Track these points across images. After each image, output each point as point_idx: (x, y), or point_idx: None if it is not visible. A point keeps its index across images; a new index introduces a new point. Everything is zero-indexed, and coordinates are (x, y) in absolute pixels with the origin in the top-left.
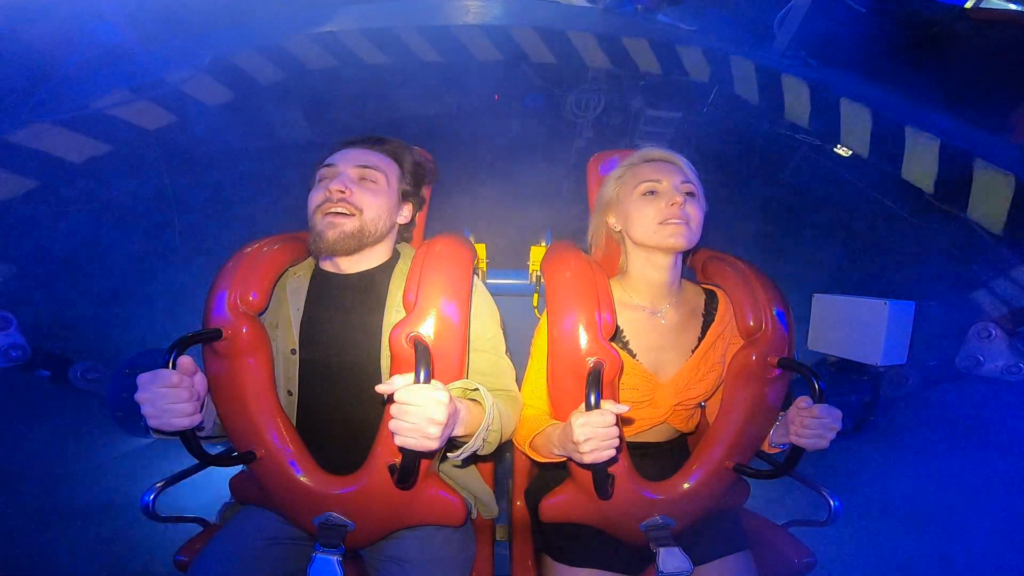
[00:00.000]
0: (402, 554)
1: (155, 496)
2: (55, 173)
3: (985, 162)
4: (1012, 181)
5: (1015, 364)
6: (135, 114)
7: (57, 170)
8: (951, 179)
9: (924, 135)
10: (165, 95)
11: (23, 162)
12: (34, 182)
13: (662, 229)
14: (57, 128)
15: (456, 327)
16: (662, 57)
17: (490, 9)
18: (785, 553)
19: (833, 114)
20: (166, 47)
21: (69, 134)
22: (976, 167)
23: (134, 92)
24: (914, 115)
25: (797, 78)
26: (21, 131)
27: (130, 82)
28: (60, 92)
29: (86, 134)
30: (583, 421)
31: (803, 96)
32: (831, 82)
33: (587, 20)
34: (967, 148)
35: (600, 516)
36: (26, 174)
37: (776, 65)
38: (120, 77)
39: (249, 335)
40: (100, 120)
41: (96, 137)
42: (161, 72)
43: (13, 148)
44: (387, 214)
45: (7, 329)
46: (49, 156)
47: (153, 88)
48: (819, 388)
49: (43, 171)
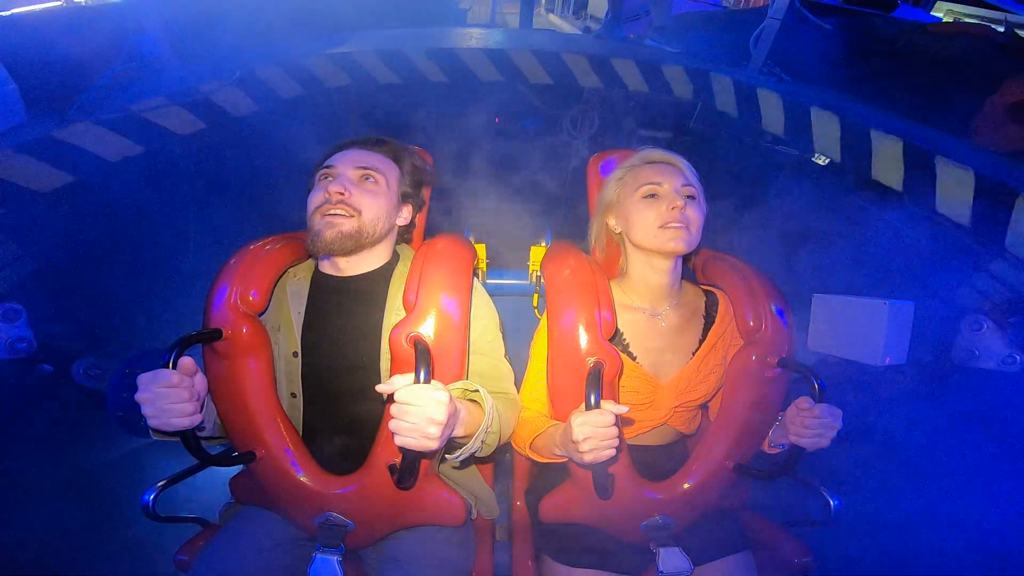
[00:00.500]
0: (402, 554)
1: (155, 496)
2: (88, 170)
3: (945, 159)
4: (972, 175)
5: (1010, 355)
6: (168, 119)
7: (92, 167)
8: (917, 177)
9: (888, 137)
10: (195, 104)
11: (63, 157)
12: (70, 177)
13: (662, 233)
14: (95, 127)
15: (456, 327)
16: (648, 76)
17: (492, 36)
18: (785, 553)
19: (805, 121)
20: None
21: (105, 133)
22: (938, 164)
23: (169, 99)
24: (878, 119)
25: (771, 91)
26: (65, 129)
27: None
28: (102, 96)
29: (121, 134)
30: (582, 420)
31: (777, 107)
32: (802, 93)
33: (580, 45)
34: (928, 147)
35: (600, 516)
36: (64, 168)
37: (752, 80)
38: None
39: (249, 335)
40: (135, 122)
41: (130, 138)
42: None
43: (56, 143)
44: (386, 215)
45: (16, 321)
46: (88, 153)
47: (185, 96)
48: (819, 388)
49: (80, 167)
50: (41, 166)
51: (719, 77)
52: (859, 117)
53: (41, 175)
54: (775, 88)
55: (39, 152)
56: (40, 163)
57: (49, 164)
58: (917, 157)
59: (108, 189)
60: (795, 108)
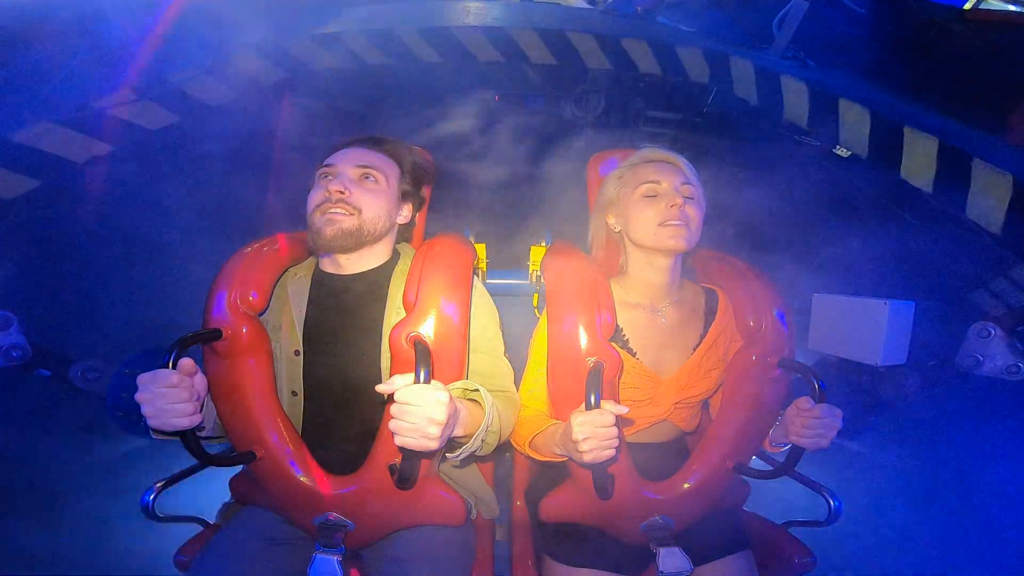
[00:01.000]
0: (402, 554)
1: (155, 496)
2: (57, 173)
3: (983, 162)
4: (1010, 180)
5: (1015, 364)
6: (137, 114)
7: (59, 170)
8: (949, 179)
9: (922, 135)
10: (166, 95)
11: (26, 161)
12: (36, 182)
13: (662, 231)
14: (59, 128)
15: (456, 327)
16: (662, 58)
17: (490, 11)
18: (785, 553)
19: (832, 114)
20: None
21: (71, 134)
22: (974, 167)
23: (136, 92)
24: (912, 115)
25: (796, 79)
26: (24, 131)
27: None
28: (63, 92)
29: (88, 134)
30: (582, 420)
31: (802, 96)
32: (829, 83)
33: (586, 22)
34: (965, 148)
35: (600, 516)
36: (29, 174)
37: (775, 66)
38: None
39: (249, 335)
40: (102, 120)
41: (98, 137)
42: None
43: (16, 147)
44: (386, 214)
45: (7, 329)
46: (52, 156)
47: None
48: (819, 388)
49: (45, 171)
50: (2, 172)
51: (739, 61)
52: (893, 112)
53: (4, 182)
54: (801, 75)
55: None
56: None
57: (10, 170)
58: (952, 158)
59: (80, 190)
60: (822, 98)
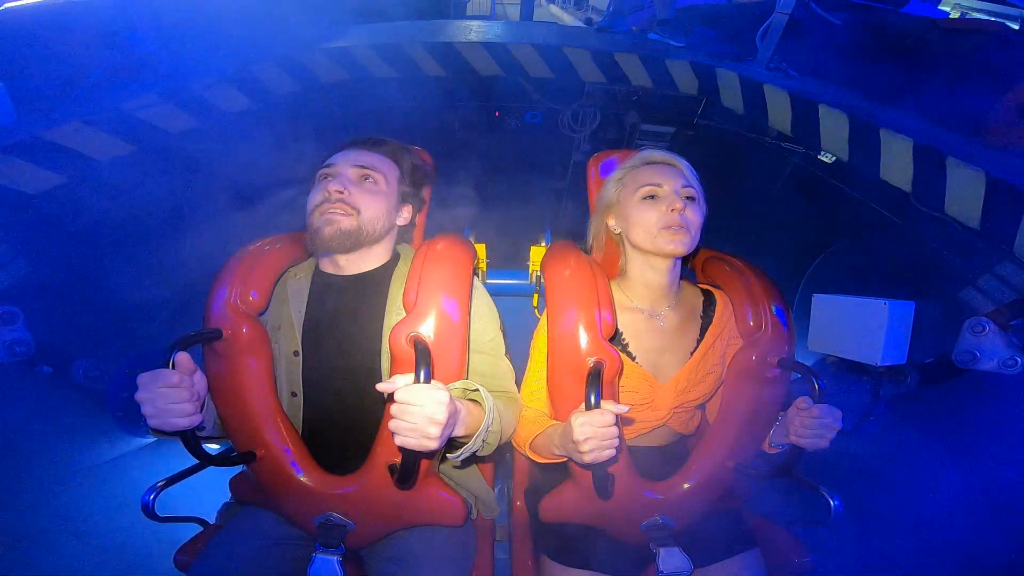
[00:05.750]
0: (402, 554)
1: (155, 496)
2: (82, 170)
3: (957, 159)
4: (983, 176)
5: (1011, 357)
6: (160, 118)
7: (84, 167)
8: (927, 177)
9: (898, 136)
10: (188, 101)
11: (53, 158)
12: (60, 177)
13: (662, 235)
14: (85, 127)
15: (456, 327)
16: (652, 71)
17: (491, 29)
18: (785, 553)
19: (813, 120)
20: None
21: (96, 133)
22: (948, 164)
23: (160, 97)
24: (888, 117)
25: (778, 88)
26: (52, 130)
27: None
28: (91, 95)
29: (112, 134)
30: (583, 420)
31: (784, 104)
32: (810, 90)
33: (582, 39)
34: (939, 147)
35: (600, 516)
36: (54, 169)
37: (759, 76)
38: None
39: (249, 335)
40: (126, 122)
41: (121, 137)
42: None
43: (42, 145)
44: (385, 215)
45: (14, 324)
46: (75, 154)
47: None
48: (819, 388)
49: (70, 167)
50: (30, 168)
51: (725, 73)
52: (869, 116)
53: (31, 177)
54: (782, 85)
55: (28, 154)
56: (30, 164)
57: (38, 166)
58: (928, 157)
59: (100, 188)
60: (803, 105)
